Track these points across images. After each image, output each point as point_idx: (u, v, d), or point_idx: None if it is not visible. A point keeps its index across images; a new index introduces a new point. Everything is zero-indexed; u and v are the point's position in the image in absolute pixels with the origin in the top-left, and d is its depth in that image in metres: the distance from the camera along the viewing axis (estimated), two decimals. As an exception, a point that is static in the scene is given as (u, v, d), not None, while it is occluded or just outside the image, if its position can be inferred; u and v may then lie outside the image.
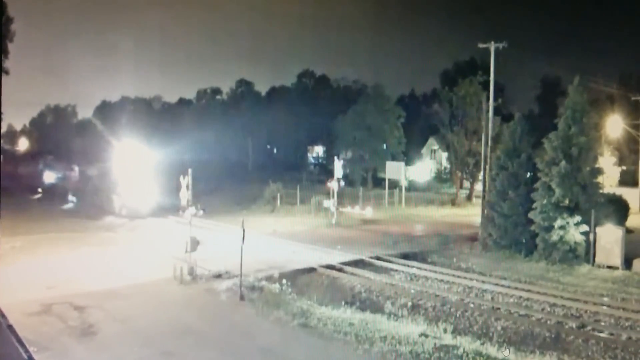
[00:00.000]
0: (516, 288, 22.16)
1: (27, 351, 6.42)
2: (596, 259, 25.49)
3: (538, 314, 19.23)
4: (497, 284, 22.76)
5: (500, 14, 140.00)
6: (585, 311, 19.51)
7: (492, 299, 21.35)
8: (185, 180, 24.10)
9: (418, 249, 29.97)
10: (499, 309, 19.82)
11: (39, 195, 53.35)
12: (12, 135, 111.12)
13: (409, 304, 20.11)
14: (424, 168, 67.71)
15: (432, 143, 69.99)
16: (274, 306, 19.01)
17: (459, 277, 24.06)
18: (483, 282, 23.27)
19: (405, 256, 27.76)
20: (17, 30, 43.76)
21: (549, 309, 19.91)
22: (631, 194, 39.30)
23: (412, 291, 21.78)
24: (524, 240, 28.19)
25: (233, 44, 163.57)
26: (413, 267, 25.79)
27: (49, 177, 55.36)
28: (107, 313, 18.14)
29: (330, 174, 43.03)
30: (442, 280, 23.75)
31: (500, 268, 25.74)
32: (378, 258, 27.03)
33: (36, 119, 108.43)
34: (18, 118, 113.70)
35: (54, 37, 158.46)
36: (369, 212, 42.02)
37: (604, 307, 19.72)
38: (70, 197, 48.16)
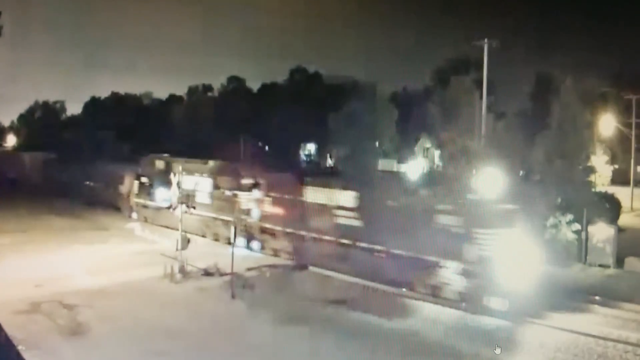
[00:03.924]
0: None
1: (15, 350, 6.26)
2: (588, 257, 25.47)
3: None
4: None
5: (494, 12, 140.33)
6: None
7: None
8: (176, 178, 23.94)
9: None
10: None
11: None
12: (0, 132, 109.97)
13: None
14: (416, 166, 67.73)
15: (425, 141, 69.99)
16: (265, 304, 18.89)
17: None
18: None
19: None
20: (4, 24, 43.06)
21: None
22: (623, 192, 39.42)
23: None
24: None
25: (224, 40, 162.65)
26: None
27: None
28: (97, 311, 17.96)
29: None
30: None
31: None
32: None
33: (24, 115, 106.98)
34: (6, 114, 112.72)
35: (42, 31, 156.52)
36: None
37: (595, 306, 19.72)
38: (255, 243, 27.23)
